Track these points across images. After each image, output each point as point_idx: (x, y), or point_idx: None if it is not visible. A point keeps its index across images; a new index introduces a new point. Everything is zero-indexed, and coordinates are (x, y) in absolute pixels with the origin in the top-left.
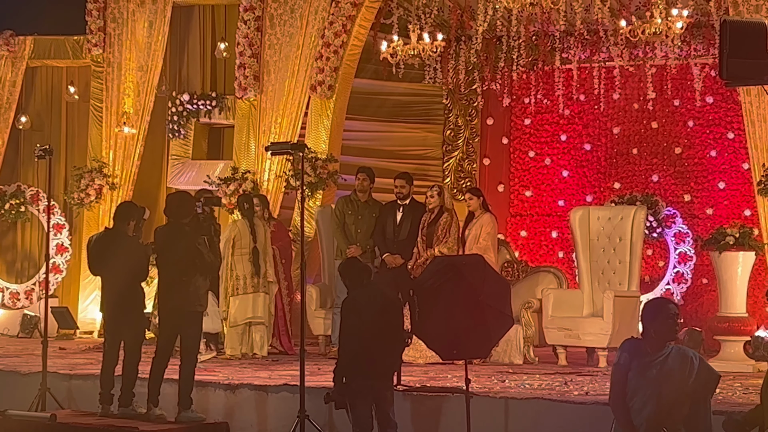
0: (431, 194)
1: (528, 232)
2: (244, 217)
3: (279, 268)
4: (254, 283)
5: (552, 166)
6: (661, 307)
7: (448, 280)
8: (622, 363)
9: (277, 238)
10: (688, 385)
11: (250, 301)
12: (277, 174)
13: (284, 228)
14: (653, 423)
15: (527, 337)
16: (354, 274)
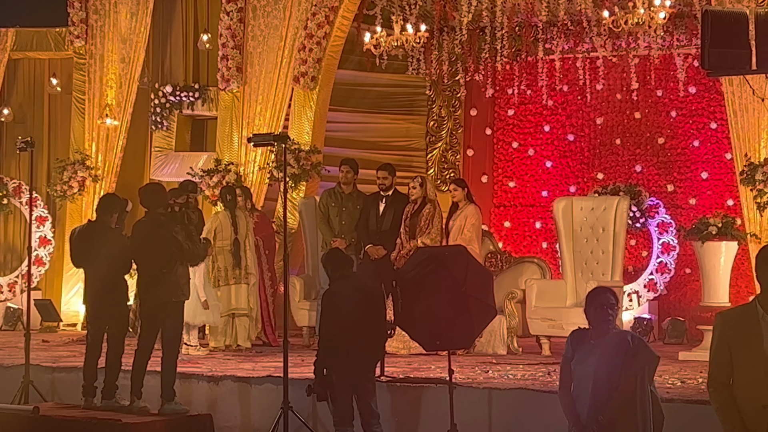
0: (414, 185)
1: (512, 222)
2: (226, 208)
3: (263, 260)
4: (235, 275)
5: (535, 157)
6: (595, 296)
7: (431, 271)
8: (566, 354)
9: (261, 229)
10: (625, 368)
11: (232, 292)
12: (260, 165)
13: (268, 219)
14: (592, 410)
15: (511, 327)
16: (335, 265)
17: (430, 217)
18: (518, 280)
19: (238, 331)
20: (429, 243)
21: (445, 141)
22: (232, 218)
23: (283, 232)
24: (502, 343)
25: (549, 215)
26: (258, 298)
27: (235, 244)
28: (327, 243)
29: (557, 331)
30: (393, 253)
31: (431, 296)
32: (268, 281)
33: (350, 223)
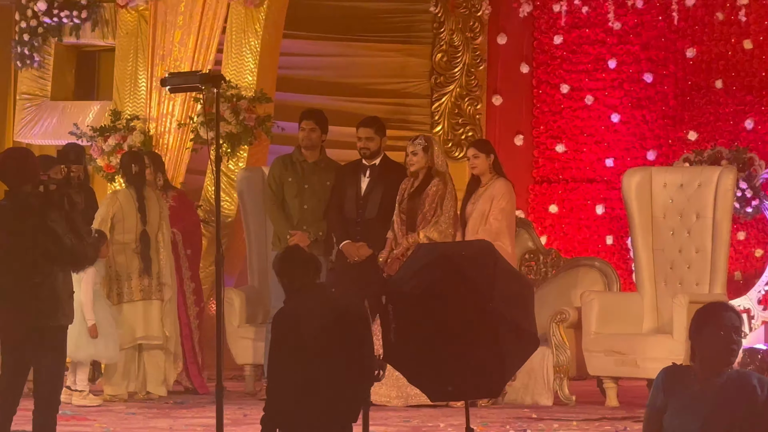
0: (414, 150)
1: (560, 206)
2: (130, 186)
3: (182, 263)
4: (143, 286)
5: (596, 108)
6: (712, 315)
7: (440, 280)
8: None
9: (179, 217)
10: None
11: (138, 312)
12: (179, 121)
13: (190, 202)
14: None
15: (559, 365)
16: (294, 271)
17: (438, 199)
18: (570, 293)
19: (149, 372)
20: (437, 238)
21: (459, 83)
22: (138, 201)
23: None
24: (545, 388)
25: (616, 195)
26: (177, 323)
27: (142, 240)
28: (281, 238)
29: (629, 371)
30: (383, 253)
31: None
32: (190, 296)
33: (316, 208)
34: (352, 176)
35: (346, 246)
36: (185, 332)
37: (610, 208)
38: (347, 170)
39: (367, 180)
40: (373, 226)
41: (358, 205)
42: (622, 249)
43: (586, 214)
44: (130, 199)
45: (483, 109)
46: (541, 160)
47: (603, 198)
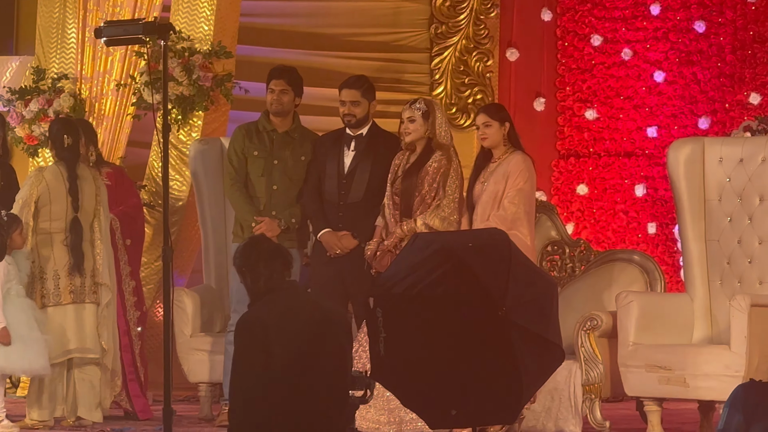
0: (411, 116)
1: (591, 187)
2: (60, 162)
3: (120, 257)
4: (74, 287)
5: (635, 64)
6: None
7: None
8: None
9: (116, 199)
10: None
11: (69, 319)
12: (118, 81)
13: (129, 181)
14: None
15: (590, 383)
16: (260, 268)
17: (439, 177)
18: (603, 294)
19: (80, 393)
20: (438, 226)
21: (465, 34)
22: (70, 181)
23: (163, 205)
24: (572, 412)
25: (659, 173)
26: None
27: (73, 230)
28: (244, 227)
29: (676, 391)
30: (370, 245)
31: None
32: (130, 297)
33: (288, 190)
34: (332, 149)
35: (326, 236)
36: (124, 342)
37: (653, 189)
38: (327, 142)
39: (352, 154)
40: (358, 211)
41: (340, 186)
42: (667, 240)
43: (622, 196)
44: (60, 179)
45: (495, 67)
46: (567, 129)
47: (644, 176)
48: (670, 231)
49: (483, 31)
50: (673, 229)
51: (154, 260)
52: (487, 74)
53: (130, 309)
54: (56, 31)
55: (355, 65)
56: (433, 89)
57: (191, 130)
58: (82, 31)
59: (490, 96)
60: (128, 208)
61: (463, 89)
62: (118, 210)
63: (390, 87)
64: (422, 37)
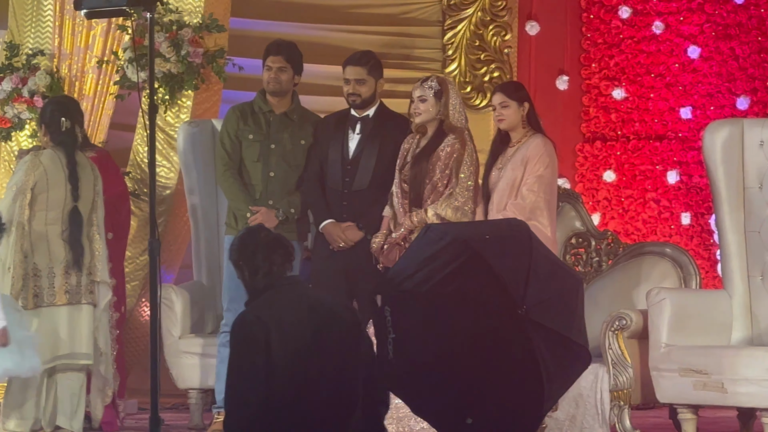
0: (422, 95)
1: (619, 173)
2: (58, 146)
3: None
4: (70, 286)
5: (666, 37)
6: None
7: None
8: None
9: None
10: None
11: (62, 322)
12: (99, 58)
13: (114, 167)
14: None
15: (619, 388)
16: (258, 262)
17: (453, 163)
18: (632, 291)
19: (60, 400)
20: (451, 217)
21: (481, 5)
22: (69, 167)
23: (149, 194)
24: (599, 420)
25: (694, 158)
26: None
27: (73, 221)
28: (239, 217)
29: (713, 397)
30: (377, 237)
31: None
32: None
33: (286, 176)
34: (336, 132)
35: (329, 227)
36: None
37: (687, 176)
38: (330, 124)
39: (357, 137)
40: (364, 200)
41: (344, 172)
42: (703, 231)
43: (653, 183)
44: (59, 165)
45: (513, 41)
46: (592, 110)
47: (677, 161)
48: (706, 221)
49: (500, 2)
50: (709, 219)
51: (140, 254)
52: (505, 50)
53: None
54: (31, 2)
55: (360, 40)
56: (445, 66)
57: (180, 111)
58: (60, 2)
59: (508, 74)
60: (112, 197)
61: (478, 66)
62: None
63: (399, 64)
64: (434, 8)
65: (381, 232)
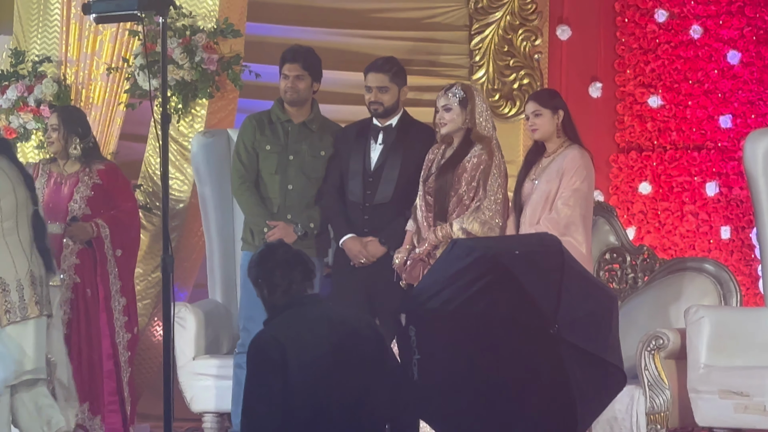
0: (447, 104)
1: (655, 185)
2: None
3: (109, 270)
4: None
5: (705, 42)
6: None
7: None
8: None
9: (108, 202)
10: None
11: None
12: (109, 65)
13: (124, 181)
14: None
15: (655, 411)
16: (277, 279)
17: (480, 175)
18: (670, 309)
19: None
20: (478, 231)
21: (509, 9)
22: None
23: (162, 208)
24: None
25: (735, 168)
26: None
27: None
28: (256, 233)
29: (755, 420)
30: (399, 253)
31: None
32: (120, 317)
33: (305, 189)
34: (357, 143)
35: (349, 242)
36: (108, 368)
37: (726, 187)
38: (350, 134)
39: (379, 148)
40: (386, 213)
41: (365, 184)
42: (743, 246)
43: (691, 195)
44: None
45: (544, 47)
46: (627, 118)
47: (716, 172)
48: (747, 235)
49: (530, 6)
50: (751, 233)
51: (152, 271)
52: (535, 55)
53: (119, 330)
54: (37, 6)
55: (383, 45)
56: (472, 73)
57: (194, 120)
58: (67, 6)
59: (538, 80)
60: (121, 213)
61: (507, 73)
62: (108, 215)
63: (423, 71)
64: (460, 12)
65: (404, 247)
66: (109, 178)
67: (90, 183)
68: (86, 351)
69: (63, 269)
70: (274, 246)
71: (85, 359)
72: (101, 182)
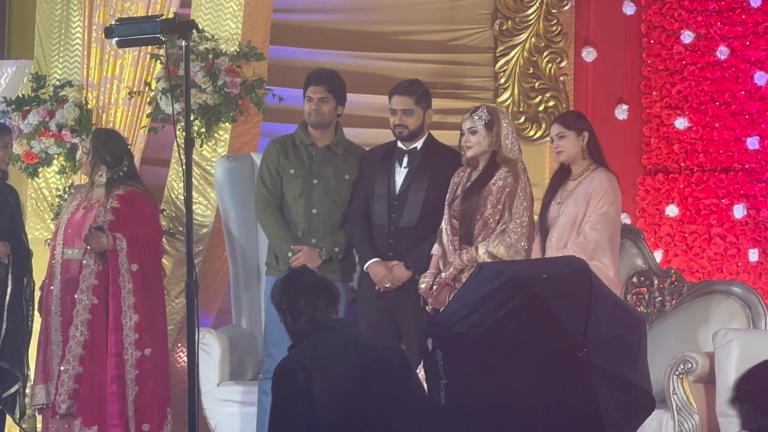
0: (472, 127)
1: (682, 207)
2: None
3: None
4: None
5: (732, 63)
6: None
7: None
8: None
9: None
10: None
11: None
12: (131, 89)
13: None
14: None
15: None
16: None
17: (505, 198)
18: (698, 332)
19: None
20: (503, 254)
21: (535, 31)
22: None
23: (186, 233)
24: None
25: (762, 191)
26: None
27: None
28: (280, 257)
29: None
30: (425, 277)
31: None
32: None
33: (329, 213)
34: (382, 166)
35: (375, 267)
36: (111, 390)
37: (754, 209)
38: (375, 157)
39: (404, 171)
40: (412, 237)
41: (390, 208)
42: None
43: (719, 217)
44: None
45: (570, 68)
46: (653, 140)
47: (744, 194)
48: None
49: (555, 28)
50: None
51: (176, 297)
52: (561, 77)
53: (128, 347)
54: (58, 30)
55: (408, 68)
56: (498, 95)
57: (217, 145)
58: (88, 30)
59: (564, 103)
60: (140, 233)
61: (532, 95)
62: (127, 231)
63: (448, 93)
64: (485, 34)
65: (429, 271)
66: (124, 204)
67: (110, 208)
68: (98, 373)
69: (81, 289)
70: (297, 272)
71: (96, 381)
72: (120, 206)
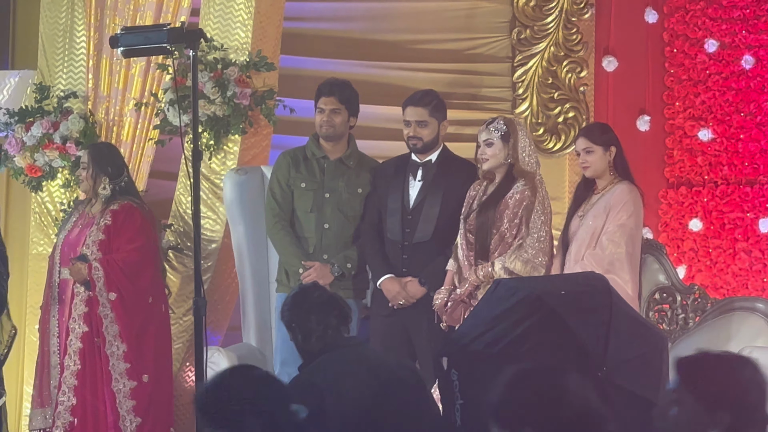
0: (489, 139)
1: (706, 221)
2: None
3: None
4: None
5: (758, 73)
6: None
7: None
8: None
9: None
10: None
11: None
12: (137, 100)
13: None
14: None
15: None
16: (311, 323)
17: (523, 212)
18: (723, 348)
19: None
20: (520, 270)
21: (554, 40)
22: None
23: (194, 249)
24: None
25: None
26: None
27: None
28: (291, 274)
29: None
30: (440, 293)
31: None
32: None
33: (341, 228)
34: (395, 179)
35: (388, 283)
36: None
37: None
38: (389, 170)
39: (419, 184)
40: (426, 252)
41: (404, 223)
42: None
43: (744, 232)
44: None
45: (590, 78)
46: (676, 152)
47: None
48: None
49: (575, 36)
50: None
51: (183, 314)
52: (581, 87)
53: (119, 378)
54: (63, 40)
55: (423, 78)
56: (516, 106)
57: (226, 157)
58: (94, 39)
59: (584, 114)
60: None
61: (551, 106)
62: (105, 257)
63: (464, 104)
64: (502, 44)
65: (444, 287)
66: (116, 219)
67: (102, 225)
68: (92, 402)
69: (74, 318)
70: (307, 289)
71: (91, 411)
72: (110, 223)
